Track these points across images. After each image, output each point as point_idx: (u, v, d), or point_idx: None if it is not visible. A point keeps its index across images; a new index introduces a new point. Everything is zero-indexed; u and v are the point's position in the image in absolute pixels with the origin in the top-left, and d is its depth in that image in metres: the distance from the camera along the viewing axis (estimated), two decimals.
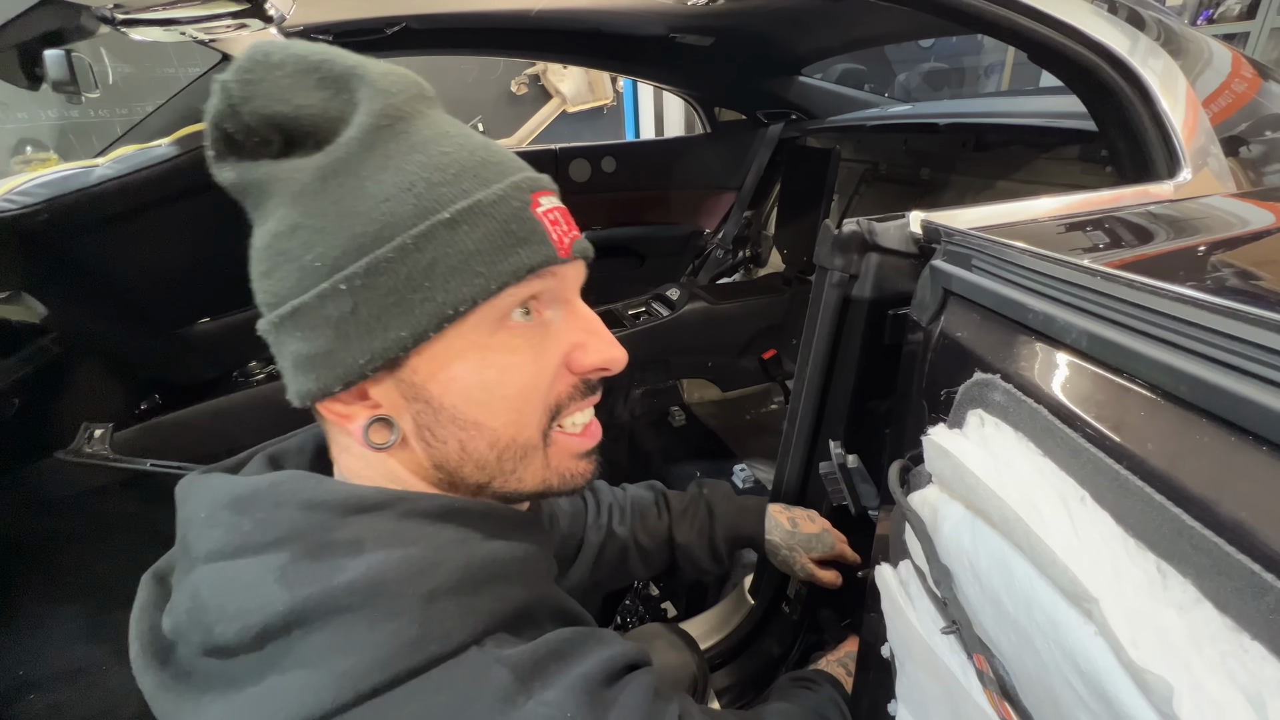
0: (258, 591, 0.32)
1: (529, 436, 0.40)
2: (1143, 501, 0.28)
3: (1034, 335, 0.39)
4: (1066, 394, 0.35)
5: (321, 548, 0.33)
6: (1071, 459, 0.32)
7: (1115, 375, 0.33)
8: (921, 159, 1.68)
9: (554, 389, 0.40)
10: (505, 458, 0.39)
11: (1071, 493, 0.32)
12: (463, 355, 0.37)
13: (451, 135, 0.37)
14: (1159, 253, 0.50)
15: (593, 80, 4.52)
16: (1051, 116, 1.29)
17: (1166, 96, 0.91)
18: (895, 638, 0.53)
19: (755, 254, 2.26)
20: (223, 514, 0.35)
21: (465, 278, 0.35)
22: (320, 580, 0.32)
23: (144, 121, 1.33)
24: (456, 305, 0.35)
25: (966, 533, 0.41)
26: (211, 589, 0.33)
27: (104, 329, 1.06)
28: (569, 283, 0.41)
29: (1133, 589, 0.26)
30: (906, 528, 0.51)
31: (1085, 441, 0.32)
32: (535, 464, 0.41)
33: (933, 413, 0.50)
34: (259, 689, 0.31)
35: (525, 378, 0.39)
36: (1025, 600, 0.34)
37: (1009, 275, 0.44)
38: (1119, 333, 0.33)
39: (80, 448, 1.03)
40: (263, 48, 0.33)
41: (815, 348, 0.80)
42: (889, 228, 0.72)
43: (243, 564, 0.33)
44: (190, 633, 0.33)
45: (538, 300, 0.39)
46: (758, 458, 1.52)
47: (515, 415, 0.39)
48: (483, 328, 0.37)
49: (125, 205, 0.91)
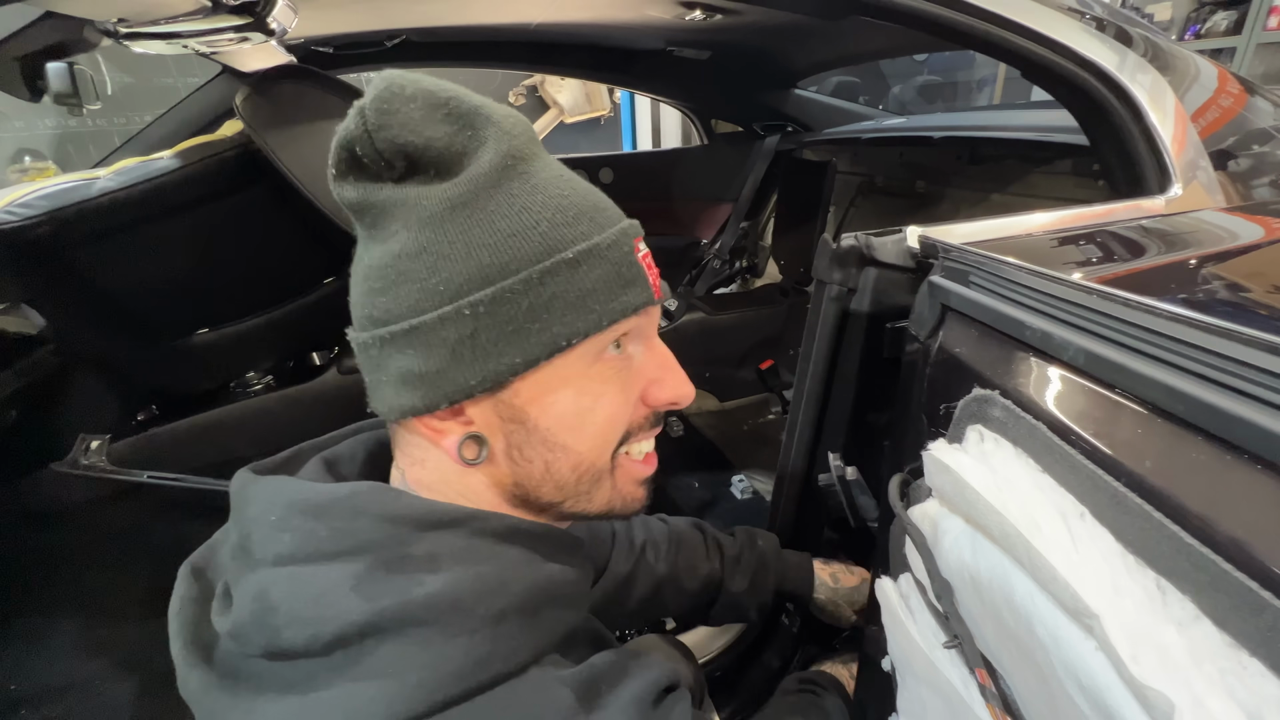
0: (333, 599, 0.32)
1: (605, 461, 0.42)
2: (1141, 518, 0.28)
3: (1032, 352, 0.40)
4: (1064, 411, 0.35)
5: (399, 560, 0.34)
6: (1071, 475, 0.33)
7: (1112, 393, 0.34)
8: (917, 172, 1.69)
9: (631, 419, 0.43)
10: (583, 480, 0.42)
11: (1071, 509, 0.32)
12: (566, 383, 0.39)
13: (565, 179, 0.40)
14: (1153, 269, 0.51)
15: (590, 92, 4.55)
16: (1044, 130, 1.31)
17: (1155, 111, 0.92)
18: (896, 651, 0.53)
19: (752, 264, 2.27)
20: (296, 519, 0.35)
21: (581, 313, 0.37)
22: (398, 593, 0.33)
23: (144, 131, 1.34)
24: (570, 337, 0.37)
25: (967, 547, 0.42)
26: (283, 593, 0.33)
27: (102, 340, 1.06)
28: (654, 321, 0.44)
29: (1133, 605, 0.27)
30: (907, 541, 0.51)
31: (1084, 458, 0.32)
32: (605, 487, 0.43)
33: (932, 427, 0.51)
34: (328, 694, 0.31)
35: (614, 407, 0.41)
36: (1026, 615, 0.35)
37: (1006, 292, 0.45)
38: (1116, 351, 0.34)
39: (77, 459, 1.02)
40: (396, 80, 0.35)
41: (814, 360, 0.81)
42: (886, 242, 0.73)
43: (318, 570, 0.33)
44: (254, 634, 0.33)
45: (627, 336, 0.42)
46: (756, 468, 1.52)
47: (600, 441, 0.41)
48: (586, 359, 0.39)
49: (126, 218, 0.91)
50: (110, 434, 1.09)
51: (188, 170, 0.94)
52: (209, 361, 1.25)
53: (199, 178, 0.96)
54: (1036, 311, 0.41)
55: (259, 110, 0.86)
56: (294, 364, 1.49)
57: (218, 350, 1.25)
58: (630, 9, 1.29)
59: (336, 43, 1.42)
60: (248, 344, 1.29)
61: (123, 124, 3.82)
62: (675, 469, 1.51)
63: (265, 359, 1.38)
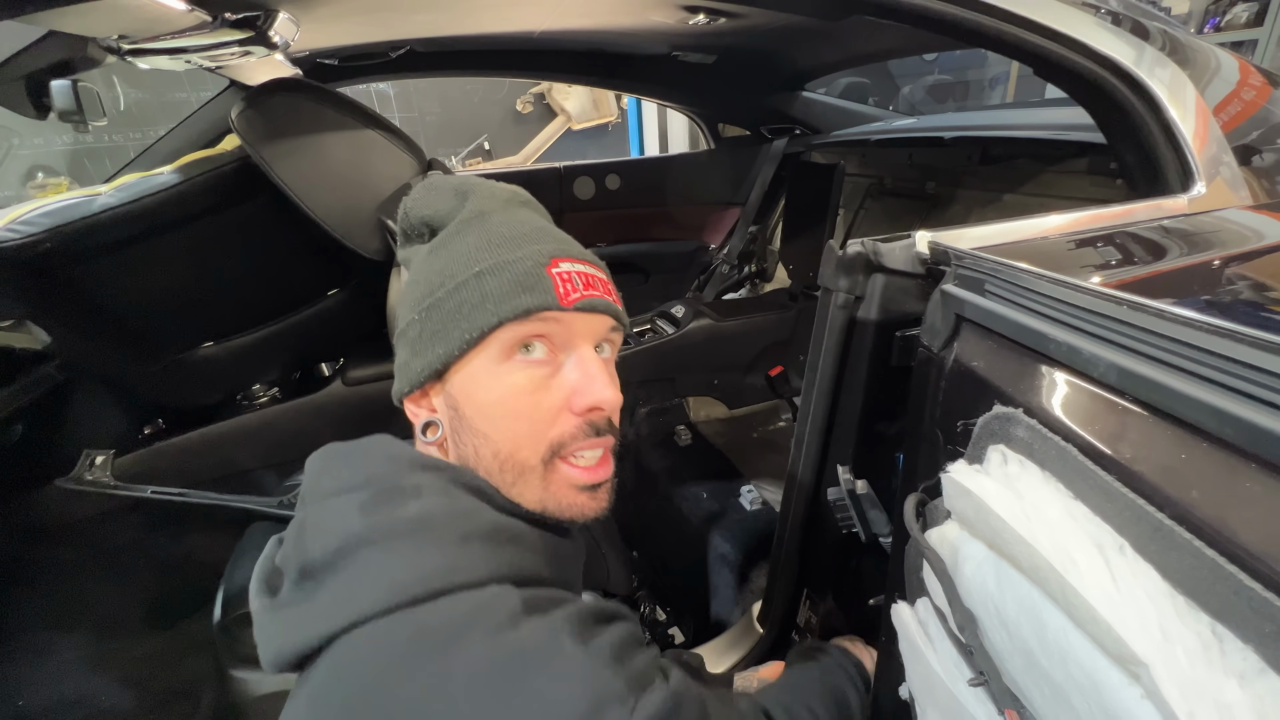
0: (344, 518, 0.41)
1: (525, 458, 0.47)
2: (1192, 556, 0.25)
3: (1057, 367, 0.37)
4: (1097, 432, 0.32)
5: (393, 490, 0.42)
6: (1107, 504, 0.30)
7: (1151, 414, 0.31)
8: (927, 173, 1.66)
9: (556, 425, 0.48)
10: (505, 469, 0.47)
11: (1109, 541, 0.30)
12: (476, 376, 0.48)
13: (515, 223, 0.51)
14: (1186, 274, 0.48)
15: (597, 98, 4.56)
16: (1059, 129, 1.27)
17: (1175, 106, 0.89)
18: (915, 681, 0.51)
19: (761, 269, 2.24)
20: (332, 464, 0.46)
21: (481, 313, 0.46)
22: (387, 513, 0.41)
23: (154, 146, 1.34)
24: (473, 332, 0.46)
25: (990, 576, 0.39)
26: (313, 519, 0.42)
27: (106, 355, 1.06)
28: (577, 331, 0.49)
29: (1185, 654, 0.24)
30: (924, 565, 0.48)
31: (1122, 485, 0.30)
32: (533, 484, 0.48)
33: (948, 444, 0.48)
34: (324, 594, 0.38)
35: (522, 405, 0.47)
36: (1060, 654, 0.32)
37: (1027, 301, 0.42)
38: (1152, 368, 0.31)
39: (81, 475, 1.02)
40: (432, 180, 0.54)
41: (821, 370, 0.78)
42: (894, 248, 0.70)
43: (338, 500, 0.42)
44: (293, 555, 0.41)
45: (548, 341, 0.48)
46: (766, 477, 1.49)
47: (512, 434, 0.47)
48: (494, 356, 0.47)
49: (128, 233, 0.91)
50: (115, 449, 1.09)
51: (187, 185, 0.93)
52: (214, 375, 1.25)
53: (199, 192, 0.96)
54: (1060, 323, 0.38)
55: (254, 124, 0.85)
56: (300, 375, 1.49)
57: (222, 363, 1.25)
58: (633, 14, 1.27)
59: (341, 55, 1.42)
60: (252, 357, 1.28)
61: (138, 139, 3.89)
62: (683, 479, 1.48)
63: (271, 371, 1.38)
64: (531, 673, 0.36)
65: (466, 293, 0.46)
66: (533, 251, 0.48)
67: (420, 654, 0.35)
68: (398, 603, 0.36)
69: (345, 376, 1.35)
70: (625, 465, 1.66)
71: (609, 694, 0.37)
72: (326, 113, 0.88)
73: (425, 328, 0.48)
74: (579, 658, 0.37)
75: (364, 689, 0.35)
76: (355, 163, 0.90)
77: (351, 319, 1.33)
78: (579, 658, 0.37)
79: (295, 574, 0.40)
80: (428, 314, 0.48)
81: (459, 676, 0.35)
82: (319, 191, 0.87)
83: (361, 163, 0.90)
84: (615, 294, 0.53)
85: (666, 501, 1.47)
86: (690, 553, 1.34)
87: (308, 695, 0.37)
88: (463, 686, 0.34)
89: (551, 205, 1.92)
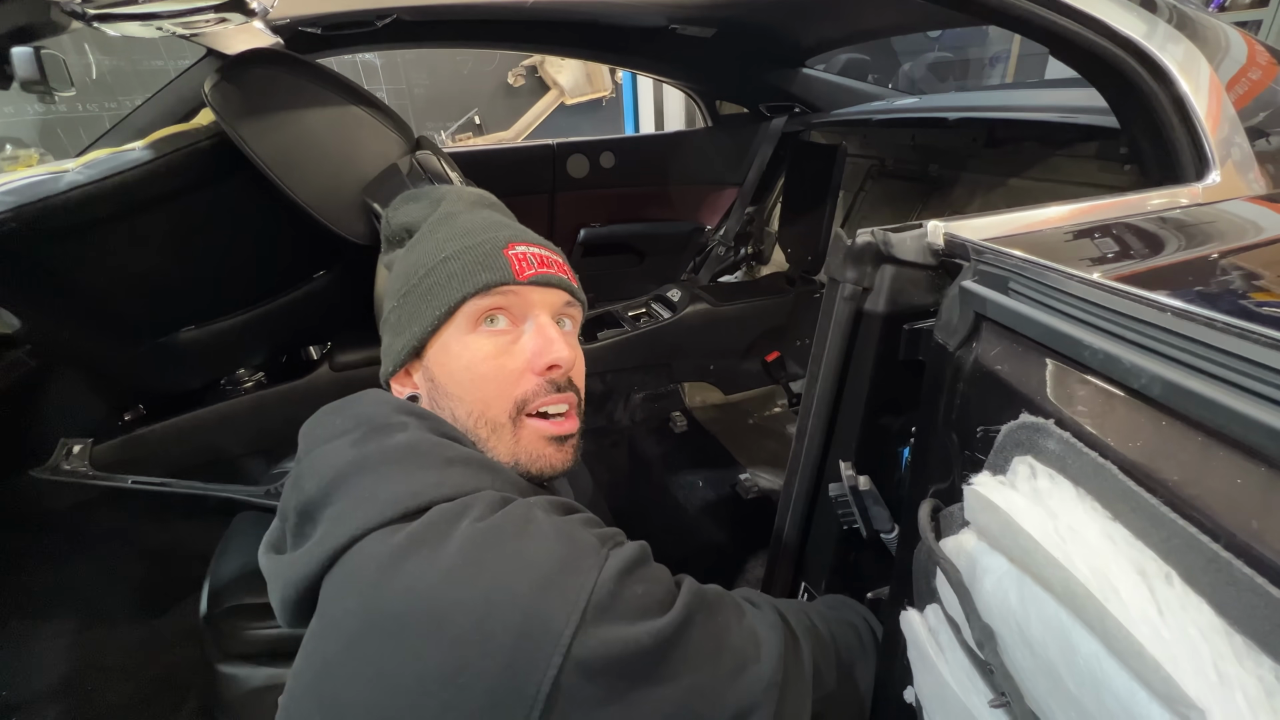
0: (336, 454, 0.45)
1: (494, 415, 0.53)
2: (1251, 592, 0.23)
3: (1093, 375, 0.35)
4: (1139, 450, 0.30)
5: (382, 426, 0.47)
6: (1151, 529, 0.28)
7: (1202, 433, 0.29)
8: (930, 155, 1.63)
9: (520, 385, 0.54)
10: (479, 426, 0.53)
11: (1154, 569, 0.28)
12: (447, 347, 0.54)
13: (479, 218, 0.59)
14: (1222, 276, 0.46)
15: (591, 72, 4.44)
16: (1066, 111, 1.24)
17: (1189, 83, 0.86)
18: (925, 689, 0.49)
19: (758, 251, 2.21)
20: (325, 417, 0.51)
21: (447, 291, 0.53)
22: (377, 443, 0.45)
23: (129, 118, 1.27)
24: (441, 308, 0.53)
25: (1013, 591, 0.37)
26: (309, 464, 0.46)
27: (80, 340, 1.01)
28: (534, 303, 0.56)
29: (1246, 701, 0.22)
30: (937, 573, 0.47)
31: (1168, 509, 0.28)
32: (504, 439, 0.54)
33: (965, 449, 0.46)
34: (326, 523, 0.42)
35: (489, 368, 0.53)
36: (1092, 681, 0.30)
37: (1056, 303, 0.39)
38: (1204, 383, 0.29)
39: (58, 465, 0.98)
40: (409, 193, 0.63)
41: (825, 364, 0.76)
42: (905, 238, 0.67)
43: (331, 445, 0.47)
44: (291, 498, 0.46)
45: (508, 313, 0.55)
46: (762, 465, 1.48)
47: (481, 395, 0.53)
48: (462, 328, 0.54)
49: (97, 213, 0.86)
50: (93, 437, 1.05)
51: (160, 162, 0.88)
52: (196, 359, 1.21)
53: (173, 170, 0.90)
54: (1095, 328, 0.36)
55: (230, 99, 0.80)
56: (287, 359, 1.45)
57: (205, 347, 1.20)
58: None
59: (324, 23, 1.34)
60: (236, 340, 1.24)
61: (114, 109, 3.75)
62: (678, 466, 1.47)
63: (255, 355, 1.34)
64: (509, 539, 0.40)
65: (435, 276, 0.54)
66: (491, 237, 0.56)
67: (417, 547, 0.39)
68: (391, 515, 0.40)
69: (333, 361, 1.31)
70: (620, 451, 1.64)
71: (583, 546, 0.41)
72: (308, 87, 0.83)
73: (403, 312, 0.55)
74: (553, 522, 0.42)
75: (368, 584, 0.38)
76: (338, 141, 0.85)
77: (339, 302, 1.28)
78: (553, 522, 0.42)
79: (295, 519, 0.45)
80: (404, 300, 0.55)
81: (450, 553, 0.38)
82: (299, 171, 0.83)
83: (345, 141, 0.85)
84: (570, 273, 0.60)
85: (662, 489, 1.46)
86: (687, 542, 1.34)
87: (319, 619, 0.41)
88: (454, 559, 0.38)
89: (544, 184, 1.89)
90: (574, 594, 0.38)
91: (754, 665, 0.44)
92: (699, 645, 0.42)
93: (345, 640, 0.38)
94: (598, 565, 0.40)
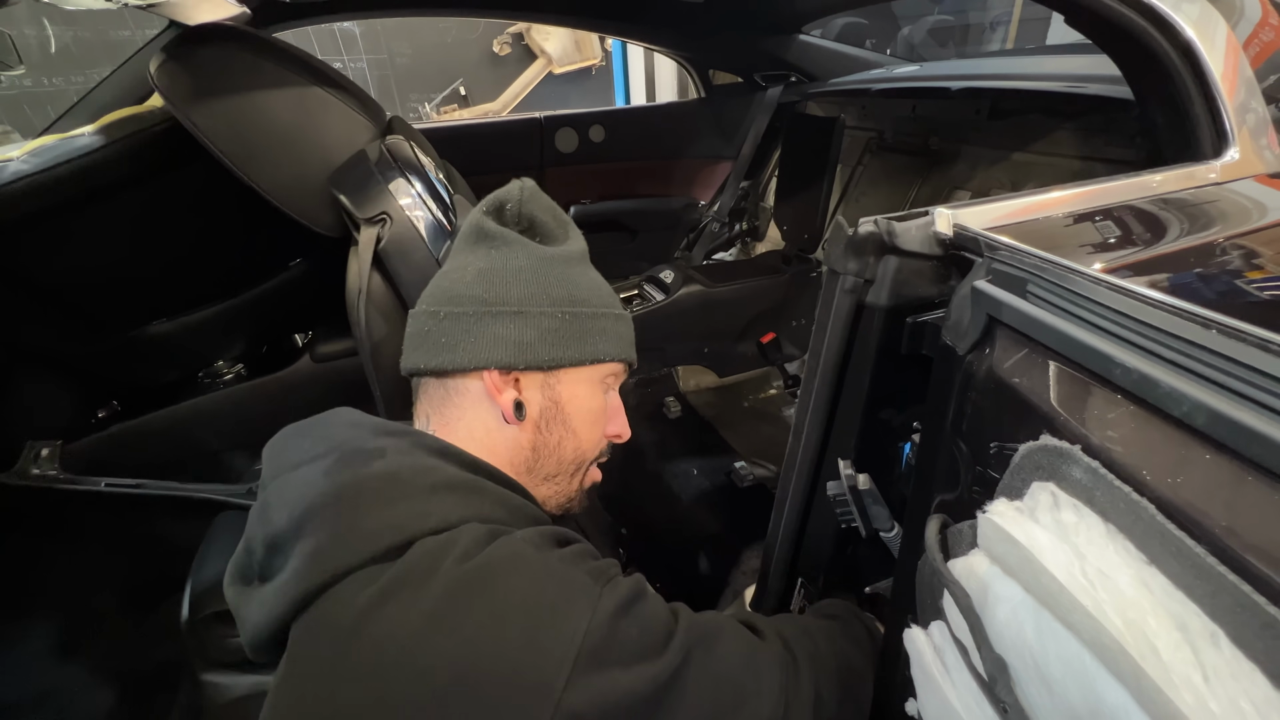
0: (308, 484, 0.42)
1: (585, 458, 0.59)
2: None
3: (1126, 399, 0.31)
4: (1181, 487, 0.27)
5: (357, 453, 0.44)
6: (1195, 581, 0.25)
7: (1255, 473, 0.25)
8: (931, 127, 1.56)
9: (600, 443, 0.60)
10: (570, 464, 0.57)
11: (1197, 626, 0.25)
12: (585, 387, 0.57)
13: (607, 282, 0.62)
14: (1275, 286, 0.42)
15: (579, 39, 4.29)
16: (1073, 80, 1.18)
17: (1204, 42, 0.81)
18: (929, 710, 0.47)
19: (753, 227, 2.15)
20: (293, 440, 0.48)
21: (611, 344, 0.58)
22: (353, 472, 0.42)
23: (89, 97, 1.20)
24: (601, 355, 0.57)
25: (1029, 624, 0.34)
26: (276, 492, 0.43)
27: (43, 336, 0.97)
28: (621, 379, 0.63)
29: None
30: (944, 592, 0.44)
31: (1216, 561, 0.25)
32: (579, 480, 0.59)
33: (977, 465, 0.43)
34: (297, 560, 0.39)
35: (599, 420, 0.59)
36: None
37: (1082, 312, 0.36)
38: (1257, 415, 0.25)
39: (26, 469, 0.94)
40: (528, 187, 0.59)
41: (824, 359, 0.73)
42: (910, 228, 0.63)
43: (300, 471, 0.44)
44: (256, 528, 0.43)
45: (614, 379, 0.61)
46: (757, 452, 1.46)
47: (593, 440, 0.58)
48: (596, 379, 0.58)
49: (45, 204, 0.80)
50: (63, 437, 1.01)
51: (111, 149, 0.82)
52: (170, 352, 1.16)
53: (125, 156, 0.84)
54: (1128, 343, 0.32)
55: (178, 81, 0.73)
56: (267, 350, 1.40)
57: (179, 340, 1.16)
58: None
59: None
60: (211, 332, 1.19)
61: (80, 83, 3.61)
62: (673, 454, 1.45)
63: (233, 347, 1.29)
64: (497, 580, 0.38)
65: (606, 323, 0.57)
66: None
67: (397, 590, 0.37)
68: (371, 554, 0.38)
69: (314, 352, 1.27)
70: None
71: (574, 585, 0.39)
72: (265, 66, 0.76)
73: (565, 326, 0.55)
74: (543, 561, 0.40)
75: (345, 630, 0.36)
76: (301, 126, 0.79)
77: (317, 290, 1.23)
78: (543, 561, 0.40)
79: (263, 552, 0.42)
80: (572, 317, 0.55)
81: (433, 598, 0.36)
82: (259, 159, 0.77)
83: (308, 126, 0.79)
84: None
85: (656, 477, 1.43)
86: (682, 532, 1.32)
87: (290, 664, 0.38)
88: (438, 603, 0.36)
89: (531, 159, 1.81)
90: (566, 640, 0.36)
91: (754, 699, 0.42)
92: (697, 684, 0.40)
93: (319, 693, 0.36)
94: (590, 607, 0.38)
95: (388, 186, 0.75)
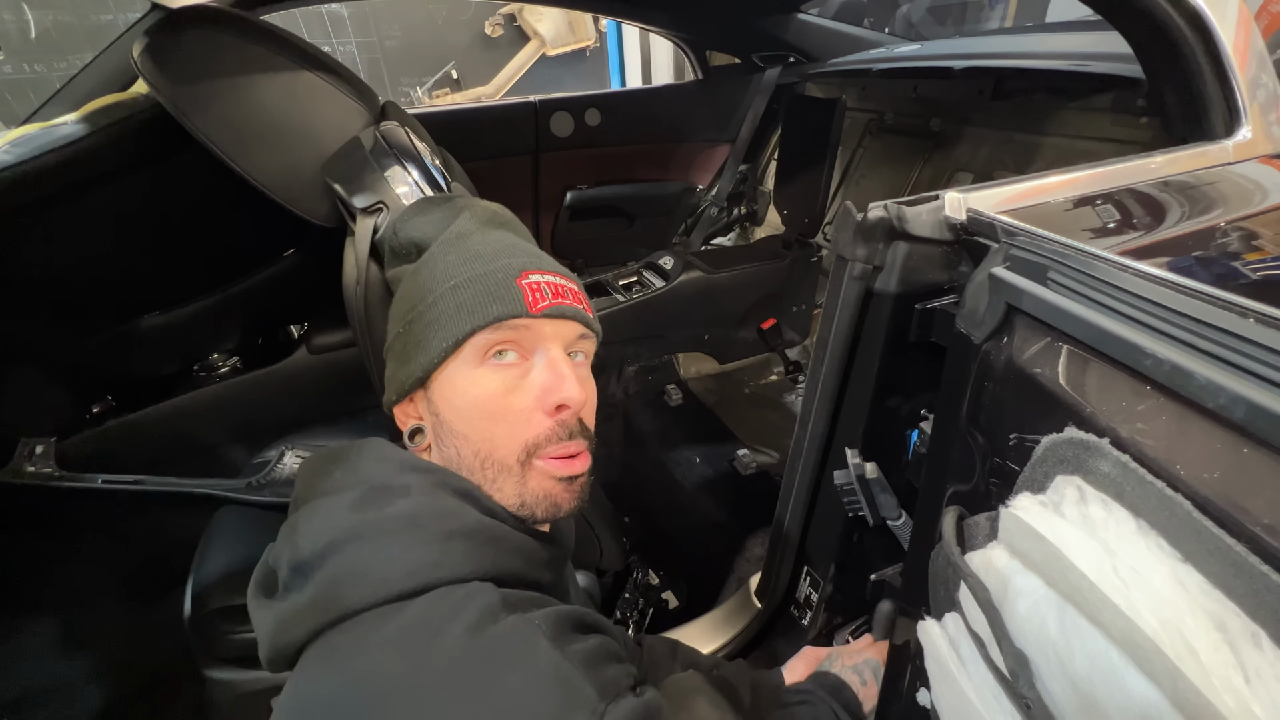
0: (334, 516, 0.43)
1: (502, 457, 0.50)
2: None
3: (1157, 390, 0.31)
4: (1217, 482, 0.26)
5: (383, 489, 0.45)
6: (1234, 578, 0.24)
7: None
8: (932, 107, 1.54)
9: (530, 426, 0.50)
10: (485, 467, 0.50)
11: (1237, 626, 0.24)
12: (453, 381, 0.51)
13: (491, 240, 0.56)
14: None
15: (573, 20, 4.20)
16: (1078, 58, 1.16)
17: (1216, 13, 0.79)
18: (943, 702, 0.47)
19: (751, 211, 2.13)
20: (325, 466, 0.49)
21: (455, 322, 0.50)
22: (376, 509, 0.43)
23: (72, 83, 1.16)
24: (448, 340, 0.50)
25: (1052, 619, 0.34)
26: (305, 518, 0.44)
27: (33, 331, 0.95)
28: (545, 336, 0.52)
29: None
30: (960, 584, 0.43)
31: (1256, 559, 0.24)
32: (511, 482, 0.50)
33: (995, 457, 0.42)
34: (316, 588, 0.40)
35: (496, 406, 0.50)
36: None
37: (1107, 300, 0.35)
38: None
39: (20, 468, 0.93)
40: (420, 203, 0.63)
41: (832, 346, 0.72)
42: (920, 212, 0.62)
43: (329, 500, 0.45)
44: (282, 552, 0.44)
45: (517, 346, 0.51)
46: (759, 439, 1.45)
47: (489, 435, 0.50)
48: (470, 362, 0.50)
49: (28, 196, 0.77)
50: (58, 434, 0.99)
51: (95, 138, 0.79)
52: (163, 346, 1.14)
53: (111, 145, 0.81)
54: (1159, 333, 0.31)
55: (163, 65, 0.70)
56: (263, 341, 1.38)
57: (172, 333, 1.14)
58: None
59: None
60: (206, 325, 1.17)
61: (63, 69, 3.52)
62: (675, 441, 1.44)
63: (228, 339, 1.27)
64: (505, 669, 0.36)
65: (443, 304, 0.51)
66: (504, 265, 0.52)
67: (403, 646, 0.37)
68: (383, 597, 0.39)
69: (310, 343, 1.25)
70: (615, 425, 1.61)
71: (579, 697, 0.37)
72: (254, 50, 0.73)
73: (409, 340, 0.52)
74: (552, 659, 0.38)
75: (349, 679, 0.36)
76: (292, 112, 0.76)
77: (312, 281, 1.21)
78: (552, 659, 0.38)
79: (287, 572, 0.43)
80: (409, 327, 0.52)
81: (437, 666, 0.36)
82: (249, 148, 0.74)
83: (300, 112, 0.77)
84: (587, 303, 0.56)
85: (658, 465, 1.43)
86: (685, 519, 1.32)
87: (295, 687, 0.39)
88: (440, 675, 0.36)
89: (526, 144, 1.78)
90: None
91: None
92: None
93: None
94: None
95: (384, 175, 0.73)
